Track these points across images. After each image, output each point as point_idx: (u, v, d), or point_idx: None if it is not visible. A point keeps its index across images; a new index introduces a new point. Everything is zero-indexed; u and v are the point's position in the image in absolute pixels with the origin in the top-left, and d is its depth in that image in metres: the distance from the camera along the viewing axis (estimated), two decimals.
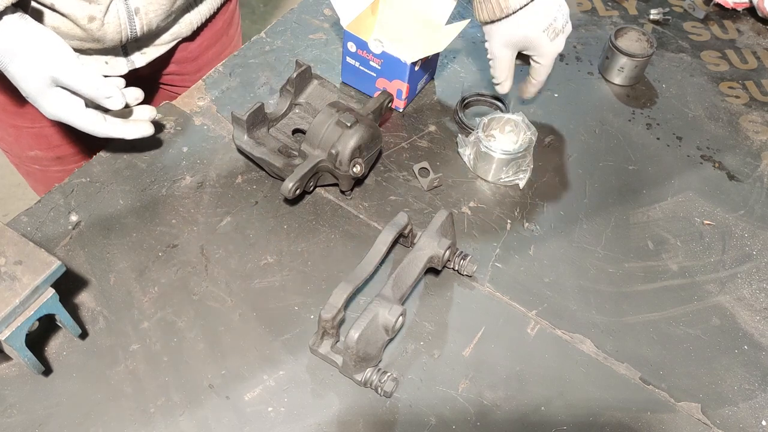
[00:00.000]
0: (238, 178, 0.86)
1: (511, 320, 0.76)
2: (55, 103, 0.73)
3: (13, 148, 1.02)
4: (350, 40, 0.91)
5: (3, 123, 0.97)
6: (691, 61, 1.07)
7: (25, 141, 0.99)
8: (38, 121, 0.95)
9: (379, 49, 0.89)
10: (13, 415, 0.66)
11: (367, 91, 0.96)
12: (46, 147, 1.00)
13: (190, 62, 1.05)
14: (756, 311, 0.79)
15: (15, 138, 0.99)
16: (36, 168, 1.04)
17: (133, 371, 0.69)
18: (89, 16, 0.81)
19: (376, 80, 0.93)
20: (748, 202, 0.89)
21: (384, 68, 0.91)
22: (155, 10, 0.86)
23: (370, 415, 0.68)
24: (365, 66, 0.93)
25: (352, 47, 0.91)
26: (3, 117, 0.96)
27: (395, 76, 0.91)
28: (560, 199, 0.88)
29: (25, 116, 0.94)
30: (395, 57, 0.89)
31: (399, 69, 0.90)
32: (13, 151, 1.03)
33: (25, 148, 1.00)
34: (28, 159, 1.02)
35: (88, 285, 0.75)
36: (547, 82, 0.88)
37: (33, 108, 0.92)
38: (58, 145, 1.00)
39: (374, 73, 0.93)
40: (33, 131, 0.97)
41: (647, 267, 0.82)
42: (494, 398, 0.70)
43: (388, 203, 0.85)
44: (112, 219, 0.81)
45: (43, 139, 0.99)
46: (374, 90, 0.95)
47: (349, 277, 0.68)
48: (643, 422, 0.70)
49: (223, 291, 0.76)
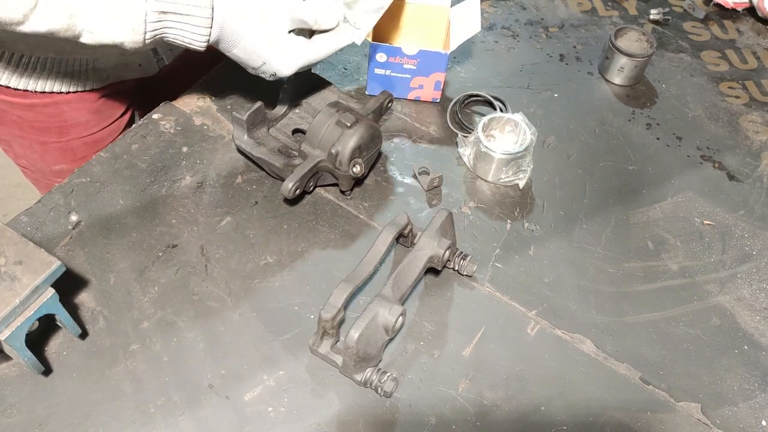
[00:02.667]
0: (238, 178, 0.86)
1: (511, 320, 0.76)
2: (294, 50, 0.73)
3: (37, 164, 1.02)
4: (379, 51, 0.90)
5: (29, 140, 0.98)
6: (691, 61, 1.07)
7: (50, 156, 1.00)
8: (65, 135, 0.97)
9: (415, 49, 0.89)
10: (13, 415, 0.66)
11: (400, 94, 0.96)
12: (71, 160, 1.01)
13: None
14: (756, 311, 0.79)
15: (40, 154, 1.00)
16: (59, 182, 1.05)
17: (133, 371, 0.69)
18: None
19: (410, 80, 0.94)
20: (748, 202, 0.89)
21: (420, 66, 0.91)
22: None
23: (370, 415, 0.68)
24: (398, 71, 0.92)
25: (382, 57, 0.91)
26: (30, 134, 0.96)
27: (434, 70, 0.92)
28: (560, 199, 0.88)
29: (53, 131, 0.96)
30: (433, 51, 0.89)
31: (438, 62, 0.90)
32: (37, 167, 1.03)
33: (50, 163, 1.01)
34: (52, 173, 1.03)
35: (88, 285, 0.75)
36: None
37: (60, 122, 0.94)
38: (83, 157, 1.00)
39: (408, 74, 0.93)
40: (59, 146, 0.98)
41: (647, 267, 0.82)
42: (494, 398, 0.70)
43: (388, 203, 0.85)
44: (112, 219, 0.81)
45: (68, 153, 1.00)
46: (408, 91, 0.95)
47: (349, 277, 0.68)
48: (643, 422, 0.70)
49: (223, 291, 0.76)
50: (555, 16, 1.12)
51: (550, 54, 1.06)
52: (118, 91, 0.98)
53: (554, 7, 1.14)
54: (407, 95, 0.96)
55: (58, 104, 0.92)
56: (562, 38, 1.09)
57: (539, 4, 1.14)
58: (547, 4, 1.15)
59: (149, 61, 0.96)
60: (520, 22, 1.11)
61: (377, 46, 0.90)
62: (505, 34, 1.08)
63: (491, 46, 1.06)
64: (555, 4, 1.15)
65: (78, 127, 0.97)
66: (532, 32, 1.09)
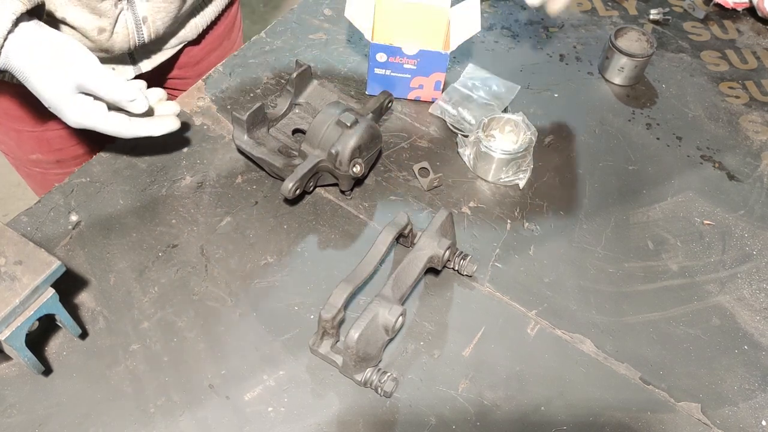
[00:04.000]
0: (238, 178, 0.86)
1: (511, 320, 0.76)
2: (79, 111, 0.71)
3: (14, 151, 1.02)
4: (379, 51, 0.90)
5: (5, 127, 0.97)
6: (691, 61, 1.07)
7: (26, 145, 0.99)
8: (40, 125, 0.96)
9: (415, 49, 0.89)
10: (13, 415, 0.66)
11: (400, 94, 0.96)
12: (47, 150, 1.00)
13: (192, 66, 1.06)
14: (756, 311, 0.79)
15: (16, 142, 0.99)
16: (36, 171, 1.05)
17: (133, 371, 0.69)
18: (99, 27, 0.81)
19: (411, 80, 0.93)
20: (748, 202, 0.89)
21: (420, 66, 0.91)
22: (162, 17, 0.86)
23: (370, 415, 0.68)
24: (398, 71, 0.92)
25: (382, 57, 0.91)
26: (5, 121, 0.96)
27: (434, 70, 0.92)
28: (560, 199, 0.88)
29: (27, 120, 0.95)
30: (433, 51, 0.89)
31: (438, 62, 0.90)
32: (14, 154, 1.03)
33: (27, 152, 1.01)
34: (29, 162, 1.03)
35: (88, 285, 0.75)
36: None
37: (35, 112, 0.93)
38: (59, 149, 1.00)
39: (409, 74, 0.93)
40: (34, 135, 0.97)
41: (647, 267, 0.82)
42: (494, 398, 0.70)
43: (388, 203, 0.85)
44: (112, 219, 0.81)
45: (44, 143, 0.99)
46: (408, 91, 0.95)
47: (349, 277, 0.68)
48: (643, 422, 0.70)
49: (223, 291, 0.76)
50: (555, 16, 1.12)
51: (550, 54, 1.06)
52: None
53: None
54: (407, 95, 0.96)
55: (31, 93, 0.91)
56: (562, 38, 1.09)
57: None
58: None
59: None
60: (520, 22, 1.11)
61: (377, 46, 0.90)
62: (505, 34, 1.08)
63: (491, 46, 1.06)
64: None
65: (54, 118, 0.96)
66: (532, 32, 1.09)
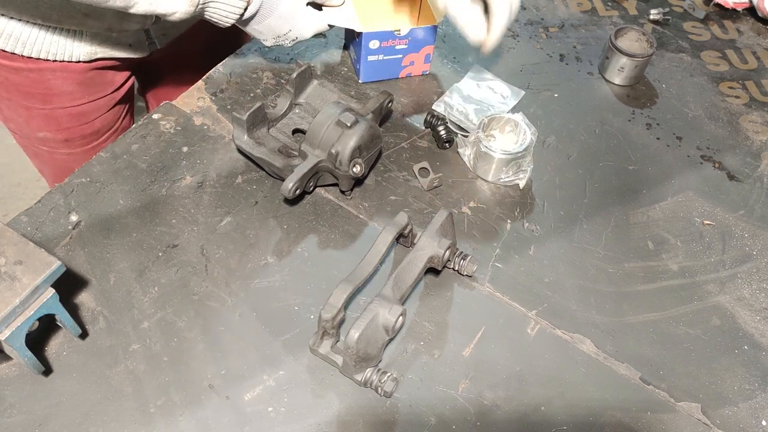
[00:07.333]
0: (238, 178, 0.86)
1: (511, 320, 0.76)
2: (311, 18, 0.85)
3: (23, 129, 1.03)
4: (373, 39, 0.92)
5: (14, 103, 0.98)
6: (691, 61, 1.07)
7: (35, 122, 1.00)
8: (49, 102, 0.97)
9: (406, 30, 0.92)
10: (13, 415, 0.66)
11: (393, 75, 0.99)
12: (55, 129, 1.01)
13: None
14: (756, 311, 0.79)
15: (25, 119, 1.00)
16: (44, 149, 1.05)
17: (133, 371, 0.69)
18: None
19: (402, 59, 0.96)
20: (748, 202, 0.89)
21: (411, 44, 0.94)
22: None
23: (370, 415, 0.68)
24: (390, 54, 0.95)
25: (375, 44, 0.93)
26: (15, 98, 0.97)
27: (424, 44, 0.95)
28: (560, 199, 0.88)
29: (37, 97, 0.96)
30: (423, 27, 0.93)
31: (428, 36, 0.94)
32: (22, 132, 1.04)
33: (35, 129, 1.02)
34: (37, 140, 1.04)
35: (88, 285, 0.75)
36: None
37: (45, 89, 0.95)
38: (67, 128, 1.01)
39: (400, 54, 0.95)
40: (43, 113, 0.98)
41: (647, 267, 0.82)
42: (494, 398, 0.70)
43: (388, 203, 0.85)
44: (112, 219, 0.81)
45: (53, 121, 1.00)
46: (400, 70, 0.98)
47: (349, 277, 0.68)
48: (643, 422, 0.70)
49: (223, 291, 0.76)
50: (555, 16, 1.12)
51: (550, 54, 1.06)
52: (107, 67, 0.98)
53: (554, 7, 1.14)
54: (399, 74, 0.98)
55: (43, 71, 0.92)
56: (562, 38, 1.09)
57: (539, 4, 1.14)
58: (547, 4, 1.15)
59: (140, 43, 0.96)
60: (520, 22, 1.11)
61: (369, 35, 0.91)
62: (505, 34, 1.08)
63: None
64: (555, 4, 1.15)
65: (62, 97, 0.97)
66: (532, 32, 1.09)
